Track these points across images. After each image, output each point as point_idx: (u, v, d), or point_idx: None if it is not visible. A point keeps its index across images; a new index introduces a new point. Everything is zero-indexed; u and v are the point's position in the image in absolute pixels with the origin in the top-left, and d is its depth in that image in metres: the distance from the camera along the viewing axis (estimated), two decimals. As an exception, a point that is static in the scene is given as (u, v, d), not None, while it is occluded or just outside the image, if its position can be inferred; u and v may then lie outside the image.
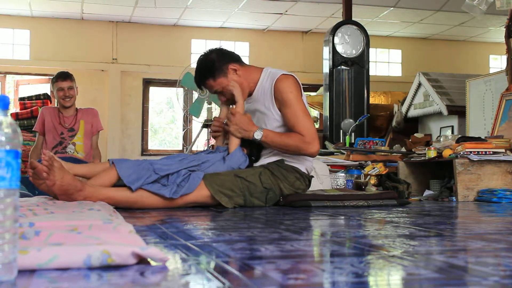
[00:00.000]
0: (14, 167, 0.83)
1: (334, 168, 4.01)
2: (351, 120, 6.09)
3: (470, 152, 3.45)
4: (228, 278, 0.87)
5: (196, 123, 7.38)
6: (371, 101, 7.22)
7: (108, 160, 2.59)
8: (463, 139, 3.68)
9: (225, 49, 2.86)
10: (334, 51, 6.23)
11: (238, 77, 2.76)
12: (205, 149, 3.19)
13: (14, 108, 6.72)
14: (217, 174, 2.58)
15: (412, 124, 7.09)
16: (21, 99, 6.46)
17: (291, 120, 2.68)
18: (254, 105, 2.83)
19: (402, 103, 7.20)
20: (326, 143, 5.65)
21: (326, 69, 6.34)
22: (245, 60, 8.01)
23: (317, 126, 7.43)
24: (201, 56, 2.83)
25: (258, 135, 2.67)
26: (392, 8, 7.37)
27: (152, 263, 0.96)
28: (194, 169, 2.58)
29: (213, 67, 2.73)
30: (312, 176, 2.91)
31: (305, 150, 2.67)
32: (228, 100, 2.81)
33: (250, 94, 2.85)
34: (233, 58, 2.80)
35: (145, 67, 7.89)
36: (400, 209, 2.54)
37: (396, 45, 8.89)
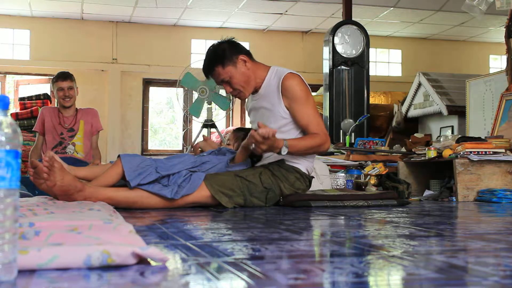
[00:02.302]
0: (14, 167, 0.83)
1: (334, 168, 4.01)
2: (350, 120, 6.09)
3: (470, 152, 3.45)
4: (228, 278, 0.87)
5: (196, 123, 7.38)
6: (371, 101, 7.22)
7: (110, 162, 2.59)
8: (463, 139, 3.68)
9: (237, 41, 2.87)
10: (334, 51, 6.24)
11: (246, 69, 2.77)
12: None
13: (14, 108, 6.72)
14: (218, 174, 2.58)
15: (412, 124, 7.10)
16: (21, 99, 6.46)
17: (304, 119, 2.70)
18: (260, 102, 2.84)
19: (402, 103, 7.20)
20: (326, 143, 5.65)
21: (326, 69, 6.34)
22: (245, 60, 8.01)
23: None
24: (212, 45, 2.85)
25: (284, 151, 2.58)
26: (392, 8, 7.37)
27: (152, 263, 0.96)
28: (196, 170, 2.58)
29: (224, 55, 2.74)
30: (313, 177, 2.91)
31: (322, 148, 2.71)
32: (233, 91, 2.81)
33: (256, 91, 2.86)
34: (244, 50, 2.82)
35: (145, 67, 7.89)
36: (400, 209, 2.54)
37: (396, 45, 8.89)
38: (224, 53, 2.75)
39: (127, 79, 7.87)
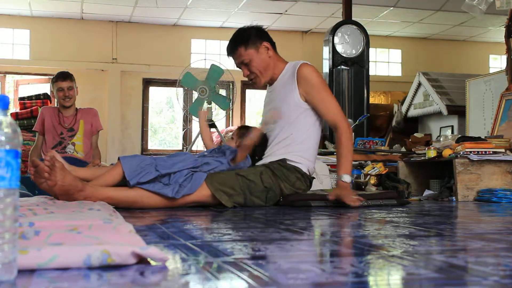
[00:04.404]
0: (14, 167, 0.83)
1: (334, 168, 4.01)
2: (349, 120, 6.08)
3: (470, 152, 3.45)
4: (228, 278, 0.87)
5: (196, 123, 7.37)
6: (371, 101, 7.22)
7: (111, 164, 2.60)
8: (463, 139, 3.68)
9: (265, 30, 2.95)
10: (334, 51, 6.23)
11: (267, 57, 2.86)
12: (205, 149, 3.19)
13: (14, 108, 6.72)
14: (218, 173, 2.58)
15: (412, 124, 7.10)
16: (21, 99, 6.46)
17: (324, 105, 2.76)
18: (275, 94, 2.91)
19: (402, 103, 7.21)
20: (326, 143, 5.65)
21: (326, 69, 6.34)
22: (245, 60, 8.01)
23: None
24: (241, 27, 2.94)
25: (348, 178, 2.67)
26: (392, 8, 7.37)
27: (152, 263, 0.96)
28: (197, 170, 2.57)
29: (249, 38, 2.84)
30: (314, 178, 2.91)
31: (351, 134, 2.82)
32: (250, 74, 2.87)
33: (272, 83, 2.92)
34: (270, 39, 2.91)
35: (145, 67, 7.89)
36: (400, 209, 2.54)
37: (396, 45, 8.89)
38: (249, 36, 2.84)
39: (127, 79, 7.87)
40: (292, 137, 2.78)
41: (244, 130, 2.93)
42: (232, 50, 2.88)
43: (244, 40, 2.84)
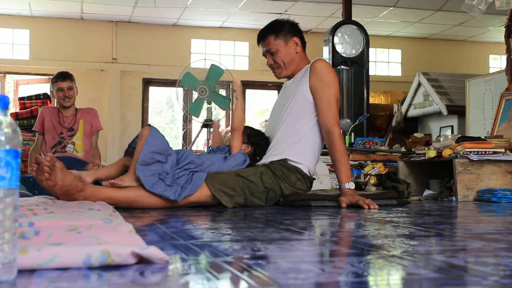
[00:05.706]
0: (13, 167, 0.83)
1: (334, 168, 4.01)
2: (348, 120, 6.09)
3: (470, 152, 3.45)
4: (228, 278, 0.87)
5: (196, 123, 7.37)
6: (371, 101, 7.22)
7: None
8: (463, 139, 3.68)
9: (300, 28, 3.01)
10: (334, 51, 6.23)
11: (294, 52, 2.91)
12: (205, 149, 3.21)
13: (14, 108, 6.71)
14: (219, 173, 2.58)
15: (412, 124, 7.10)
16: (21, 99, 6.46)
17: (323, 103, 2.75)
18: (287, 89, 2.94)
19: (402, 103, 7.21)
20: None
21: (326, 69, 6.33)
22: (245, 60, 8.02)
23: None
24: (277, 19, 3.01)
25: (352, 185, 2.69)
26: (392, 8, 7.37)
27: (152, 263, 0.96)
28: (197, 170, 2.57)
29: (281, 29, 2.91)
30: (314, 178, 2.91)
31: (343, 140, 2.80)
32: (274, 64, 2.91)
33: (290, 78, 2.95)
34: (301, 37, 2.97)
35: (145, 67, 7.89)
36: (400, 209, 2.54)
37: (395, 45, 8.89)
38: (282, 28, 2.92)
39: (127, 79, 7.87)
40: (297, 133, 2.78)
41: (248, 130, 2.94)
42: (262, 37, 2.94)
43: (276, 30, 2.90)
